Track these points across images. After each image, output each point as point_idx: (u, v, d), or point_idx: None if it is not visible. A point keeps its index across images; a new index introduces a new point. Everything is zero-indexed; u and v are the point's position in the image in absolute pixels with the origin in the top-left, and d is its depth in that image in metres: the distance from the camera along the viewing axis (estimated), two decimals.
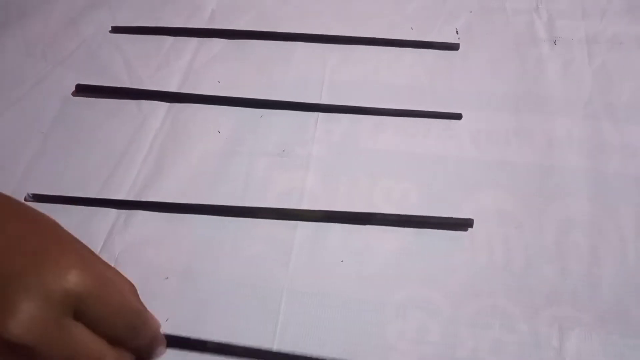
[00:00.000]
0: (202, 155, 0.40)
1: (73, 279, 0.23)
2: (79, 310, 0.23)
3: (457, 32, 0.46)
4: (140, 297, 0.33)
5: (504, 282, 0.33)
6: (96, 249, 0.36)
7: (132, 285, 0.28)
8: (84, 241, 0.35)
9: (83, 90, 0.43)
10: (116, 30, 0.48)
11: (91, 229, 0.37)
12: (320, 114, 0.41)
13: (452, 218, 0.35)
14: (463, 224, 0.35)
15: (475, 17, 0.47)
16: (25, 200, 0.38)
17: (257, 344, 0.31)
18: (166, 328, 0.30)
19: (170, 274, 0.34)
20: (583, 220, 0.35)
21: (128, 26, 0.48)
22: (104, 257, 0.35)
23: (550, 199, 0.36)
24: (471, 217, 0.35)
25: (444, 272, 0.34)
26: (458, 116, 0.40)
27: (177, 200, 0.38)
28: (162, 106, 0.42)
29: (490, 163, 0.38)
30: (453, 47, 0.44)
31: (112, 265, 0.35)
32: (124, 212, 0.37)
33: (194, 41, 0.47)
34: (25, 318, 0.21)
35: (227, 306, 0.33)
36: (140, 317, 0.26)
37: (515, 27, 0.46)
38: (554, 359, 0.31)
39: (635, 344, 0.31)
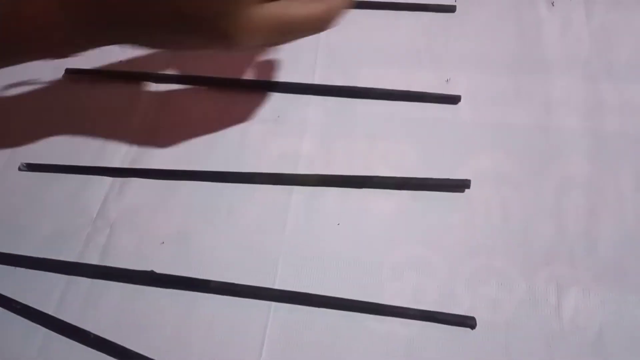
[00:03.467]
0: (197, 121, 0.39)
1: None
2: None
3: None
4: (137, 262, 0.34)
5: (501, 242, 0.33)
6: (91, 215, 0.36)
7: None
8: (79, 209, 0.36)
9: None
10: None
11: (86, 196, 0.37)
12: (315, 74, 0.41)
13: (448, 179, 0.35)
14: (460, 185, 0.35)
15: None
16: (19, 169, 0.38)
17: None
18: None
19: (165, 239, 0.34)
20: (581, 180, 0.35)
21: None
22: (99, 224, 0.35)
23: (548, 160, 0.36)
24: (469, 178, 0.35)
25: (441, 233, 0.34)
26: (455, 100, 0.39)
27: (172, 167, 0.37)
28: None
29: (487, 125, 0.38)
30: (449, 9, 0.43)
31: (108, 230, 0.35)
32: (118, 180, 0.37)
33: None
34: None
35: (223, 271, 0.33)
36: None
37: None
38: (551, 316, 0.31)
39: (633, 301, 0.31)
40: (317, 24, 0.27)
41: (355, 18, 0.44)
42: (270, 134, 0.38)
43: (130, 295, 0.33)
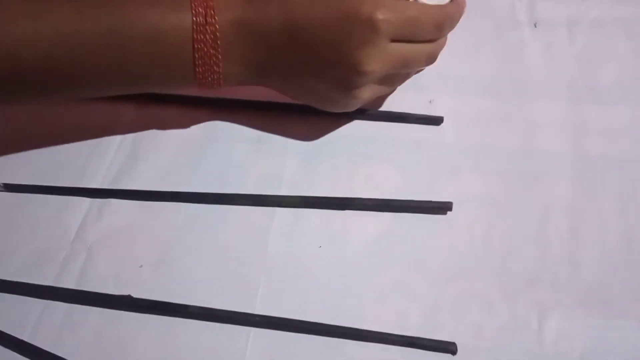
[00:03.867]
0: (178, 141, 0.39)
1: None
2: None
3: None
4: (114, 286, 0.33)
5: (483, 265, 0.33)
6: (69, 237, 0.35)
7: None
8: (57, 230, 0.36)
9: None
10: None
11: (65, 217, 0.36)
12: None
13: (430, 202, 0.35)
14: (442, 208, 0.35)
15: None
16: None
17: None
18: None
19: (144, 262, 0.34)
20: (564, 202, 0.35)
21: None
22: (77, 246, 0.35)
23: (531, 182, 0.36)
24: (451, 201, 0.35)
25: (423, 257, 0.34)
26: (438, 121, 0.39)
27: (153, 188, 0.37)
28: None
29: (470, 146, 0.38)
30: None
31: (85, 254, 0.34)
32: (98, 201, 0.37)
33: None
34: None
35: (202, 294, 0.33)
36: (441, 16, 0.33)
37: (495, 11, 0.45)
38: (533, 341, 0.31)
39: (615, 325, 0.31)
40: (427, 60, 0.35)
41: None
42: (253, 155, 0.38)
43: (107, 321, 0.32)
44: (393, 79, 0.35)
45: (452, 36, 0.42)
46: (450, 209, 0.35)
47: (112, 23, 0.31)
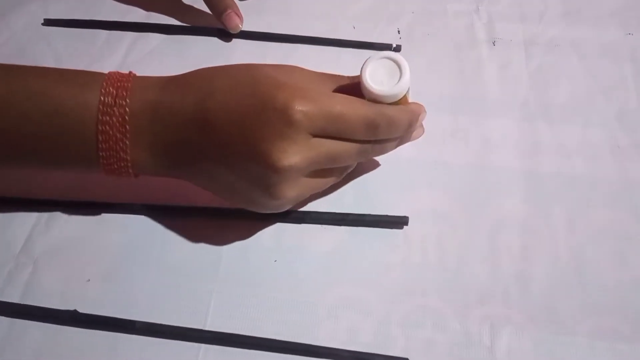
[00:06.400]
0: None
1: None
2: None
3: (398, 32, 0.46)
4: (60, 301, 0.32)
5: (436, 281, 0.33)
6: (15, 250, 0.34)
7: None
8: (2, 243, 0.34)
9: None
10: (48, 23, 0.46)
11: (11, 229, 0.35)
12: None
13: (387, 216, 0.35)
14: (398, 222, 0.35)
15: (416, 18, 0.47)
16: None
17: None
18: None
19: (92, 276, 0.33)
20: (516, 220, 0.35)
21: (61, 19, 0.46)
22: (22, 260, 0.34)
23: (484, 199, 0.36)
24: (407, 215, 0.35)
25: (378, 271, 0.33)
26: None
27: (103, 200, 0.36)
28: None
29: (426, 162, 0.38)
30: (395, 49, 0.44)
31: (31, 267, 0.33)
32: (45, 213, 0.35)
33: (129, 36, 0.45)
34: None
35: (151, 310, 0.32)
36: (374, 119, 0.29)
37: (455, 29, 0.46)
38: (485, 357, 0.31)
39: (565, 341, 0.31)
40: (360, 158, 0.32)
41: (302, 53, 0.44)
42: None
43: (52, 336, 0.31)
44: (325, 173, 0.31)
45: (414, 54, 0.43)
46: (406, 223, 0.35)
47: (4, 91, 0.28)
